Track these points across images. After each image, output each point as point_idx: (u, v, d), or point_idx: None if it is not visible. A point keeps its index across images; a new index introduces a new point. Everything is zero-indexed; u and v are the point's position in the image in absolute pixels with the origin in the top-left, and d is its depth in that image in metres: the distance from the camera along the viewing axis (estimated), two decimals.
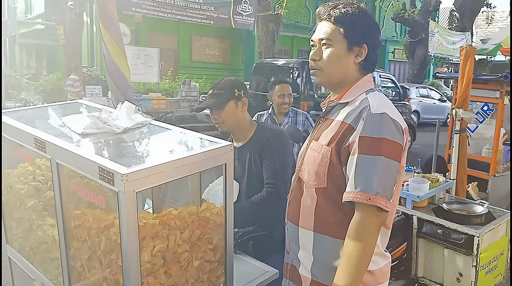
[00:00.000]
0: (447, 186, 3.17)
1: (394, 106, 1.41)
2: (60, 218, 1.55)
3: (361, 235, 1.28)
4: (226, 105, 2.04)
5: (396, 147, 1.31)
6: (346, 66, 1.42)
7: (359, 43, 1.40)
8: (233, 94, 2.07)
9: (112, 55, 1.88)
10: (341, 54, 1.41)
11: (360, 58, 1.42)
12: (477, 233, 2.64)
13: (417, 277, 2.98)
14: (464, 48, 3.21)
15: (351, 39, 1.39)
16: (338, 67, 1.42)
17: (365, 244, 1.27)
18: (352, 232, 1.29)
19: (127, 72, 1.96)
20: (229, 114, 2.06)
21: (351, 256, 1.27)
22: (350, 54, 1.41)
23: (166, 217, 1.42)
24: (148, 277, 1.37)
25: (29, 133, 1.60)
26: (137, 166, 1.28)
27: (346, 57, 1.41)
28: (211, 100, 2.07)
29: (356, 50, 1.41)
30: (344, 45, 1.40)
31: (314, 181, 1.42)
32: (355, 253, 1.27)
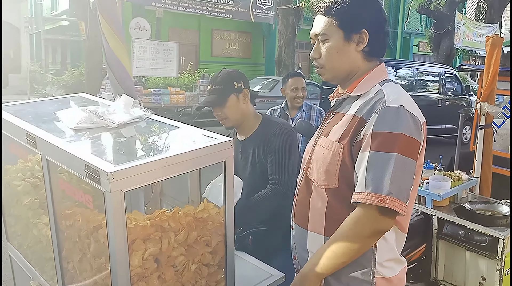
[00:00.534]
0: (470, 184, 3.00)
1: (411, 99, 1.28)
2: (52, 217, 1.48)
3: (355, 235, 1.18)
4: (227, 100, 1.94)
5: (413, 144, 1.19)
6: (348, 57, 1.32)
7: (357, 29, 1.29)
8: (233, 87, 1.96)
9: (112, 47, 1.80)
10: (339, 46, 1.31)
11: (362, 45, 1.30)
12: (502, 235, 2.48)
13: (436, 280, 2.83)
14: (490, 38, 3.01)
15: (346, 28, 1.29)
16: (339, 60, 1.32)
17: (358, 246, 1.18)
18: (344, 228, 1.20)
19: (127, 65, 1.88)
20: (231, 109, 1.96)
21: (333, 252, 1.21)
22: (349, 44, 1.31)
23: (159, 218, 1.32)
24: (139, 282, 1.29)
25: (21, 128, 1.54)
26: (125, 164, 1.19)
27: (345, 48, 1.31)
28: (210, 97, 1.97)
29: (355, 37, 1.30)
30: (340, 35, 1.30)
31: (324, 181, 1.30)
32: (342, 249, 1.20)
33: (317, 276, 1.26)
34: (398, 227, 1.28)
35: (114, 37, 1.80)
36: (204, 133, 1.52)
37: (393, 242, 1.28)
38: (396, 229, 1.28)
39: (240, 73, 2.02)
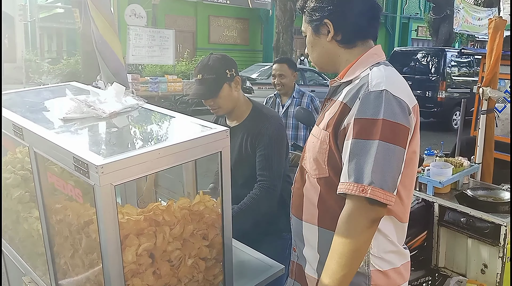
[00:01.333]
0: (472, 170, 2.94)
1: (402, 81, 1.22)
2: (42, 211, 1.43)
3: (349, 230, 1.12)
4: (221, 90, 1.86)
5: (398, 129, 1.12)
6: (322, 49, 1.34)
7: (320, 21, 1.29)
8: (225, 76, 1.88)
9: (101, 32, 1.72)
10: (311, 40, 1.35)
11: (330, 34, 1.28)
12: (504, 222, 2.43)
13: (438, 268, 2.80)
14: (493, 21, 2.93)
15: (312, 22, 1.32)
16: (316, 52, 1.36)
17: (353, 240, 1.11)
18: (339, 226, 1.14)
19: (118, 50, 1.81)
20: (224, 98, 1.89)
21: (337, 253, 1.13)
22: (319, 36, 1.32)
23: (153, 212, 1.27)
24: (133, 278, 1.24)
25: (8, 119, 1.47)
26: (115, 156, 1.13)
27: (317, 41, 1.34)
28: (201, 87, 1.88)
29: (323, 29, 1.30)
30: (310, 30, 1.34)
31: (315, 170, 1.25)
32: (342, 250, 1.12)
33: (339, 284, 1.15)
34: (395, 217, 1.23)
35: (103, 21, 1.72)
36: (199, 123, 1.46)
37: (390, 233, 1.23)
38: (393, 219, 1.23)
39: (230, 59, 1.94)
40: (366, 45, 1.30)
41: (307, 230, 1.32)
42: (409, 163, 1.19)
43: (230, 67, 1.89)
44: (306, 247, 1.33)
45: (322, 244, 1.27)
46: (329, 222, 1.23)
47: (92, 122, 1.47)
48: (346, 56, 1.30)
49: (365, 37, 1.29)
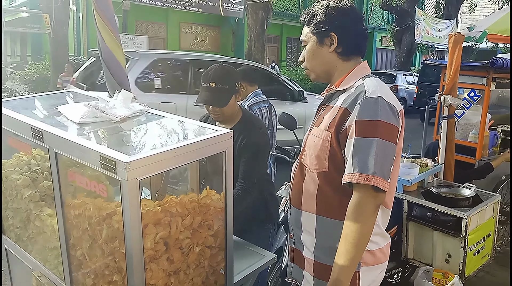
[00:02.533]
0: (435, 170, 3.24)
1: (389, 90, 1.44)
2: (59, 208, 1.56)
3: (359, 215, 1.32)
4: (229, 101, 2.04)
5: (392, 129, 1.35)
6: (323, 58, 1.51)
7: (326, 33, 1.48)
8: (235, 89, 2.07)
9: (107, 43, 1.87)
10: (314, 49, 1.52)
11: (334, 46, 1.48)
12: (465, 215, 2.71)
13: (407, 259, 3.06)
14: (452, 36, 3.25)
15: (318, 34, 1.49)
16: (316, 61, 1.53)
17: (363, 224, 1.31)
18: (350, 213, 1.34)
19: (122, 61, 1.96)
20: (229, 107, 2.07)
21: (349, 236, 1.32)
22: (322, 47, 1.50)
23: (168, 204, 1.44)
24: (150, 263, 1.40)
25: (26, 123, 1.60)
26: (139, 154, 1.30)
27: (319, 50, 1.51)
28: (213, 95, 2.01)
29: (327, 41, 1.48)
30: (314, 40, 1.51)
31: (315, 165, 1.46)
32: (353, 233, 1.31)
33: (346, 273, 1.34)
34: (383, 204, 1.45)
35: (110, 34, 1.87)
36: (204, 125, 1.64)
37: (378, 218, 1.45)
38: (381, 206, 1.45)
39: (237, 72, 2.14)
40: (357, 59, 1.52)
41: (306, 218, 1.52)
42: (397, 158, 1.42)
43: (238, 79, 2.09)
44: (304, 233, 1.53)
45: (319, 230, 1.48)
46: (326, 211, 1.45)
47: (105, 125, 1.62)
48: (342, 67, 1.50)
49: (359, 52, 1.52)
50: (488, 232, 2.99)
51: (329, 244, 1.46)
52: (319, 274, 1.48)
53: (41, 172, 1.88)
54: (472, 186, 3.04)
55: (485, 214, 2.91)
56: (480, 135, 3.82)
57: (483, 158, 3.84)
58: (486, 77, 3.64)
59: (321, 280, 1.47)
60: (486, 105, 3.76)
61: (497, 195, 3.07)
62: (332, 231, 1.45)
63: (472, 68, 3.71)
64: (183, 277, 1.52)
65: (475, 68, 3.70)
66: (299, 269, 1.58)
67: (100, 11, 1.82)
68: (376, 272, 1.49)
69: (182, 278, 1.52)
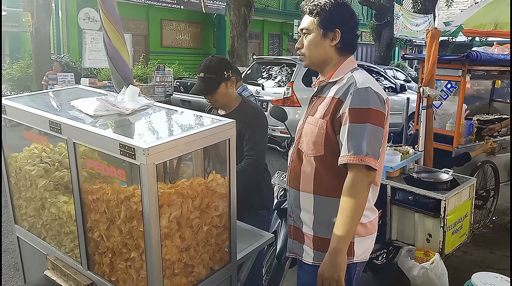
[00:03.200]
0: (416, 157, 3.46)
1: (375, 81, 1.63)
2: (77, 194, 1.69)
3: (354, 192, 1.50)
4: (219, 88, 2.25)
5: (380, 115, 1.54)
6: (323, 49, 1.66)
7: (332, 28, 1.63)
8: (223, 77, 2.26)
9: (114, 42, 2.00)
10: (317, 40, 1.65)
11: (335, 41, 1.64)
12: (443, 197, 2.93)
13: (391, 240, 3.27)
14: (430, 31, 3.47)
15: (324, 27, 1.63)
16: (316, 51, 1.67)
17: (358, 199, 1.50)
18: (346, 190, 1.52)
19: (127, 58, 2.10)
20: (221, 95, 2.28)
21: (347, 210, 1.50)
22: (325, 39, 1.64)
23: (180, 187, 1.59)
24: (165, 240, 1.55)
25: (44, 117, 1.73)
26: (156, 141, 1.45)
27: (322, 42, 1.65)
28: (203, 84, 2.26)
29: (330, 35, 1.64)
30: (319, 32, 1.64)
31: (312, 150, 1.63)
32: (349, 207, 1.49)
33: (344, 246, 1.52)
34: (372, 182, 1.64)
35: (115, 33, 2.00)
36: (207, 116, 1.80)
37: (368, 195, 1.64)
38: None
39: (229, 62, 2.34)
40: (348, 55, 1.69)
41: (304, 198, 1.69)
42: (384, 140, 1.60)
43: (227, 68, 2.27)
44: (303, 211, 1.70)
45: (316, 208, 1.66)
46: (323, 190, 1.62)
47: (117, 117, 1.76)
48: (336, 60, 1.68)
49: (353, 49, 1.69)
50: (465, 213, 3.22)
51: (326, 220, 1.64)
52: (318, 247, 1.66)
53: (52, 163, 2.00)
54: (449, 170, 3.27)
55: (462, 196, 3.13)
56: (456, 124, 4.06)
57: (460, 145, 4.09)
58: (462, 69, 3.87)
59: (320, 252, 1.65)
60: (462, 96, 4.00)
61: (472, 179, 3.30)
62: (328, 208, 1.63)
63: (448, 61, 3.94)
64: (193, 253, 1.68)
65: (452, 61, 3.94)
66: (299, 244, 1.76)
67: (106, 12, 1.95)
68: (368, 241, 1.68)
69: (193, 254, 1.67)
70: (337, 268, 1.51)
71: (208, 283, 1.75)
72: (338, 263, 1.51)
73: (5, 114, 1.92)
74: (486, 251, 3.82)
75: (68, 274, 1.82)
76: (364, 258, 1.70)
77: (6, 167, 2.04)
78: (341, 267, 1.52)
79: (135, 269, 1.60)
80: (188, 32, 19.69)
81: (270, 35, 22.99)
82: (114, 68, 2.08)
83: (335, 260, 1.51)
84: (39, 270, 2.04)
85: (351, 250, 1.64)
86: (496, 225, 4.45)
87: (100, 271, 1.74)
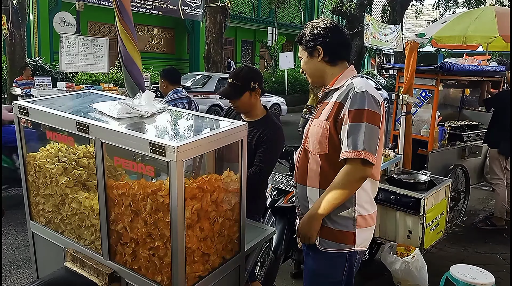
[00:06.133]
0: (396, 160, 3.73)
1: (373, 86, 1.85)
2: (102, 189, 1.83)
3: (345, 183, 1.73)
4: (242, 95, 2.43)
5: (376, 116, 1.75)
6: (314, 66, 1.94)
7: (314, 47, 1.90)
8: (249, 86, 2.43)
9: (129, 50, 2.14)
10: (307, 60, 1.95)
11: (321, 56, 1.90)
12: (423, 196, 3.19)
13: (374, 238, 3.48)
14: (408, 43, 3.76)
15: (308, 49, 1.92)
16: (309, 69, 1.96)
17: (346, 190, 1.73)
18: (339, 179, 1.74)
19: (140, 64, 2.24)
20: (243, 102, 2.45)
21: (334, 192, 1.74)
22: (313, 58, 1.93)
23: (201, 182, 1.76)
24: (188, 230, 1.71)
25: (71, 119, 1.86)
26: (184, 140, 1.61)
27: (310, 61, 1.93)
28: (229, 89, 2.45)
29: (315, 53, 1.90)
30: (306, 55, 1.94)
31: (318, 149, 1.83)
32: (336, 195, 1.73)
33: (320, 215, 1.79)
34: (371, 177, 1.85)
35: (131, 42, 2.15)
36: (221, 119, 1.98)
37: (368, 189, 1.85)
38: (370, 179, 1.84)
39: (258, 74, 2.49)
40: (343, 64, 1.92)
41: (311, 192, 1.89)
42: (381, 139, 1.81)
43: (255, 80, 2.44)
44: (310, 204, 1.90)
45: None
46: (328, 185, 1.82)
47: (139, 120, 1.91)
48: (331, 71, 1.91)
49: (342, 58, 1.91)
50: (441, 212, 3.51)
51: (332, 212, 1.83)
52: (325, 235, 1.86)
53: (69, 162, 2.12)
54: (427, 172, 3.55)
55: (439, 195, 3.42)
56: (431, 130, 4.38)
57: (434, 150, 4.41)
58: (435, 79, 4.19)
59: (325, 240, 1.85)
60: (436, 104, 4.32)
61: (448, 180, 3.60)
62: None
63: (423, 71, 4.25)
64: (209, 243, 1.84)
65: (426, 71, 4.25)
66: None
67: (124, 23, 2.10)
68: (367, 232, 1.90)
69: (209, 244, 1.84)
70: (311, 229, 1.85)
71: (221, 270, 1.92)
72: (313, 225, 1.84)
73: (27, 116, 2.04)
74: (459, 248, 4.12)
75: (89, 265, 1.95)
76: (363, 248, 1.91)
77: (24, 165, 2.14)
78: (316, 228, 1.84)
79: (159, 257, 1.75)
80: (161, 37, 19.73)
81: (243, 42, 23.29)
82: (128, 75, 2.22)
83: (312, 222, 1.83)
84: (54, 264, 2.14)
85: (353, 239, 1.84)
86: (467, 225, 4.79)
87: (121, 261, 1.87)
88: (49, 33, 15.11)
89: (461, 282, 2.37)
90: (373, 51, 26.66)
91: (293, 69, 18.33)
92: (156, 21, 18.30)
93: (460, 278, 2.38)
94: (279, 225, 2.96)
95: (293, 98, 16.74)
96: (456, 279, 2.39)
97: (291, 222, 2.94)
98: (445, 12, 23.42)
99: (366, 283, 3.44)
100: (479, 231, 4.58)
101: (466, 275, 2.41)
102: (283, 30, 22.05)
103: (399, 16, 19.20)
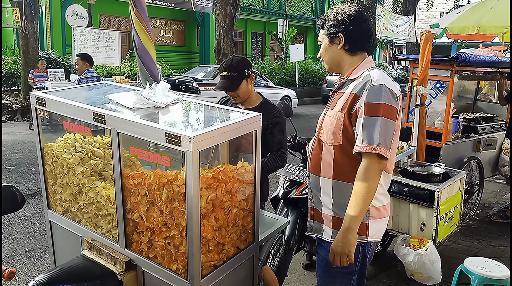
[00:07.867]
0: (410, 152, 3.71)
1: (390, 79, 1.83)
2: (118, 179, 1.85)
3: (367, 177, 1.70)
4: (240, 84, 2.46)
5: (392, 110, 1.74)
6: (333, 53, 1.90)
7: (336, 34, 1.86)
8: (244, 74, 2.46)
9: (143, 41, 2.16)
10: (326, 47, 1.90)
11: (342, 44, 1.85)
12: (437, 189, 3.18)
13: (387, 230, 3.48)
14: (423, 33, 3.71)
15: (329, 34, 1.88)
16: (327, 56, 1.92)
17: (370, 183, 1.70)
18: (360, 175, 1.72)
19: (154, 55, 2.26)
20: (242, 90, 2.50)
21: (359, 193, 1.70)
22: (333, 45, 1.88)
23: (216, 172, 1.77)
24: (203, 220, 1.73)
25: (87, 109, 1.88)
26: (200, 130, 1.62)
27: (330, 48, 1.89)
28: (226, 82, 2.48)
29: (336, 40, 1.86)
30: (326, 40, 1.89)
31: (331, 140, 1.83)
32: (362, 190, 1.70)
33: (355, 221, 1.72)
34: (385, 170, 1.84)
35: (145, 33, 2.16)
36: (234, 110, 1.98)
37: (381, 181, 1.84)
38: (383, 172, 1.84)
39: (247, 60, 2.55)
40: (363, 54, 1.89)
41: (324, 182, 1.88)
42: (396, 133, 1.80)
43: (248, 67, 2.49)
44: (323, 194, 1.90)
45: (335, 191, 1.85)
46: (341, 176, 1.82)
47: (154, 110, 1.93)
48: (350, 61, 1.88)
49: (363, 49, 1.89)
50: (456, 204, 3.49)
51: (344, 202, 1.83)
52: (337, 226, 1.86)
53: (85, 152, 2.15)
54: (441, 164, 3.52)
55: (453, 188, 3.39)
56: (445, 122, 4.33)
57: (448, 142, 4.37)
58: (450, 70, 4.14)
59: (338, 230, 1.85)
60: (450, 95, 4.26)
61: (463, 172, 3.57)
62: (346, 192, 1.82)
63: (438, 62, 4.20)
64: (224, 233, 1.86)
65: (441, 62, 4.20)
66: (318, 224, 1.96)
67: (138, 14, 2.11)
68: (381, 223, 1.89)
69: (224, 234, 1.85)
70: (347, 244, 1.72)
71: (235, 260, 1.94)
72: (349, 239, 1.72)
73: (45, 106, 2.06)
74: (473, 241, 4.09)
75: (106, 253, 1.98)
76: (377, 238, 1.91)
77: (42, 155, 2.18)
78: (352, 243, 1.72)
79: (174, 245, 1.77)
80: (171, 29, 19.74)
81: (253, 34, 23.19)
82: (142, 65, 2.24)
83: (347, 237, 1.72)
84: (71, 252, 2.18)
85: (366, 230, 1.84)
86: (481, 218, 4.75)
87: (138, 249, 1.90)
88: (62, 26, 15.23)
89: (475, 274, 2.36)
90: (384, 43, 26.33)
91: (303, 61, 18.23)
92: (167, 14, 18.31)
93: (474, 270, 2.37)
94: (291, 216, 2.97)
95: (303, 90, 16.67)
96: (471, 272, 2.38)
97: (303, 213, 2.95)
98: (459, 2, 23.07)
99: (378, 274, 3.44)
100: (493, 224, 4.54)
101: (480, 268, 2.40)
102: (294, 22, 21.90)
103: (412, 7, 18.96)
